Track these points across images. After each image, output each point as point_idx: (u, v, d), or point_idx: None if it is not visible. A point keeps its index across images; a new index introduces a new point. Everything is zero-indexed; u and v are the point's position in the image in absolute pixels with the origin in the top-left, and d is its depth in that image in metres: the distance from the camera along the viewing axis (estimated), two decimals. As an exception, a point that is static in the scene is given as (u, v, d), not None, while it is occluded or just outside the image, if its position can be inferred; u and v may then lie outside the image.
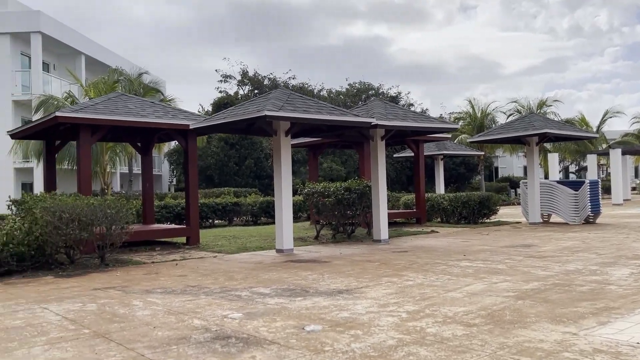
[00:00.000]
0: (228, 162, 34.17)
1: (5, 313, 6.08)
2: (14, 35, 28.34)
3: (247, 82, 43.74)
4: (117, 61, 33.53)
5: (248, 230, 18.02)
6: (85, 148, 11.74)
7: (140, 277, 8.58)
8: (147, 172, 15.26)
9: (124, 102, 12.83)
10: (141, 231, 12.41)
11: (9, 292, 7.46)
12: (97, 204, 9.92)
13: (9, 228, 9.33)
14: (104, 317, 5.77)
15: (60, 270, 9.45)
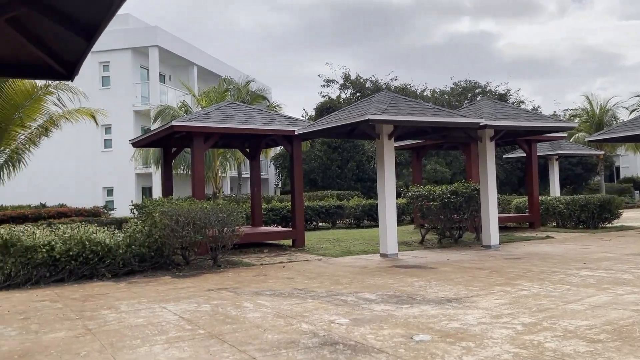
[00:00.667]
0: (331, 165, 34.57)
1: (129, 311, 6.53)
2: (134, 50, 30.64)
3: (349, 86, 44.03)
4: (226, 70, 35.18)
5: (351, 233, 18.06)
6: (198, 154, 12.37)
7: (250, 279, 8.86)
8: (255, 177, 15.79)
9: (233, 110, 13.39)
10: (250, 233, 12.85)
11: (132, 291, 8.00)
12: (210, 208, 10.39)
13: (131, 231, 10.04)
14: (218, 319, 6.00)
15: (176, 271, 10.02)
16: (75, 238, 9.24)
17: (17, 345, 5.14)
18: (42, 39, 4.78)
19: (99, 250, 9.34)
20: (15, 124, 15.81)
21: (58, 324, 5.94)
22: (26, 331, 5.68)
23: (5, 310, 6.82)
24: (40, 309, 6.83)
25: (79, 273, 9.22)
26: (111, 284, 8.73)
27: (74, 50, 4.76)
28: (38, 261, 8.84)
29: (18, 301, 7.47)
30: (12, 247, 8.77)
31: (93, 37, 4.09)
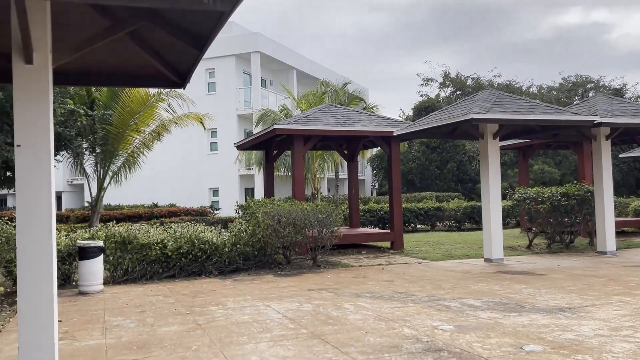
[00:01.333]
0: (429, 166, 33.89)
1: (236, 308, 6.78)
2: (237, 57, 31.88)
3: (448, 84, 42.93)
4: (323, 73, 35.63)
5: (452, 236, 17.57)
6: (298, 156, 12.62)
7: (349, 280, 8.88)
8: (352, 178, 15.84)
9: (332, 113, 13.53)
10: (349, 235, 12.90)
11: (238, 289, 8.31)
12: (310, 209, 10.56)
13: (236, 230, 10.45)
14: (319, 319, 6.07)
15: (278, 270, 10.28)
16: (185, 237, 9.77)
17: (135, 336, 5.51)
18: (158, 50, 5.10)
19: (206, 249, 9.80)
20: (131, 129, 16.98)
21: (171, 318, 6.30)
22: (143, 324, 6.07)
23: (125, 304, 7.34)
24: (154, 303, 7.28)
25: (189, 270, 9.73)
26: (218, 281, 9.12)
27: (186, 59, 5.03)
28: (152, 258, 9.45)
29: (135, 295, 8.01)
30: (130, 244, 9.44)
31: (204, 47, 4.30)
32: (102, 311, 6.86)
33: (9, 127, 11.99)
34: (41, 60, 3.88)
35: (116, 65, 5.58)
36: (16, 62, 3.85)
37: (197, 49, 4.44)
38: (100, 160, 16.43)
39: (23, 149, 3.86)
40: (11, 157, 11.93)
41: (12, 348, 5.18)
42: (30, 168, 3.88)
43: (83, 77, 5.64)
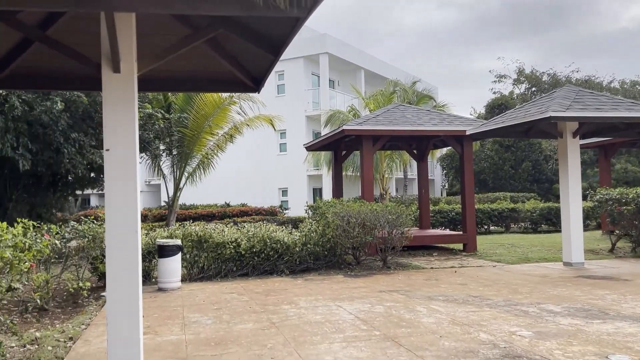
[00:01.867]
0: (503, 166, 32.86)
1: (308, 308, 6.87)
2: (306, 58, 32.24)
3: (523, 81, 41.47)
4: (391, 72, 35.36)
5: (527, 238, 16.94)
6: (367, 157, 12.60)
7: (420, 283, 8.77)
8: (422, 178, 15.63)
9: (401, 112, 13.41)
10: (419, 236, 12.73)
11: (309, 288, 8.41)
12: (379, 210, 10.52)
13: (307, 230, 10.57)
14: (392, 321, 6.04)
15: (348, 270, 10.31)
16: (257, 236, 9.99)
17: (212, 333, 5.71)
18: (234, 56, 5.26)
19: (278, 248, 9.99)
20: (205, 131, 17.56)
21: (246, 316, 6.47)
22: (219, 321, 6.27)
23: (201, 301, 7.61)
24: (229, 301, 7.50)
25: (261, 268, 9.95)
26: (289, 280, 9.27)
27: (261, 64, 5.15)
28: (226, 256, 9.74)
29: (211, 292, 8.28)
30: (205, 243, 9.77)
31: (279, 52, 4.38)
32: (180, 307, 7.14)
33: (93, 131, 12.72)
34: (127, 69, 4.09)
35: (194, 71, 5.79)
36: (105, 71, 4.08)
37: (273, 54, 4.54)
38: (177, 162, 17.10)
39: (112, 153, 4.08)
40: (95, 159, 12.66)
41: (100, 340, 5.49)
42: (118, 170, 4.10)
43: (163, 83, 5.89)
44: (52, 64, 5.37)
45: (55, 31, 4.76)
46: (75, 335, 5.78)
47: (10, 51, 5.08)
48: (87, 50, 4.74)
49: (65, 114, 11.87)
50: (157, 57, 4.49)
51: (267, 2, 3.12)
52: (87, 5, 2.97)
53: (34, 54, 5.15)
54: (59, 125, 11.67)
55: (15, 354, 5.19)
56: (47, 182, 14.14)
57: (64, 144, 11.92)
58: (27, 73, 5.53)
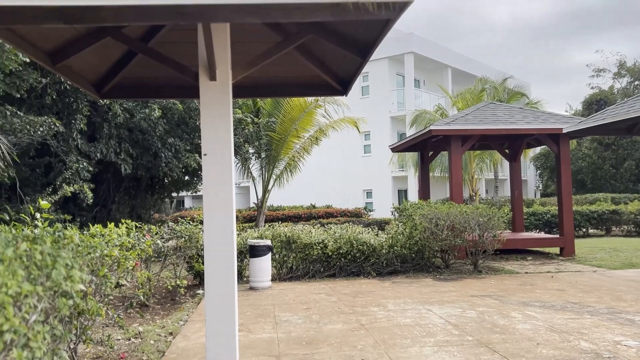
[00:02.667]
0: (602, 165, 30.90)
1: (396, 310, 6.81)
2: (390, 59, 32.03)
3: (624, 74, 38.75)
4: (480, 69, 34.31)
5: (631, 242, 15.82)
6: (456, 157, 12.30)
7: (514, 288, 8.43)
8: (515, 179, 15.02)
9: (492, 111, 12.97)
10: (512, 239, 12.25)
11: (397, 291, 8.34)
12: (469, 212, 10.23)
13: (393, 232, 10.49)
14: (485, 326, 5.85)
15: (436, 273, 10.11)
16: (344, 237, 10.05)
17: (303, 332, 5.81)
18: (322, 60, 5.33)
19: (364, 250, 9.99)
20: (292, 135, 17.93)
21: (335, 317, 6.52)
22: (309, 320, 6.37)
23: (291, 300, 7.77)
24: (318, 301, 7.59)
25: (348, 270, 9.99)
26: (376, 282, 9.24)
27: (349, 67, 5.18)
28: (314, 257, 9.87)
29: (299, 292, 8.43)
30: (294, 243, 9.96)
31: (367, 54, 4.39)
32: (271, 306, 7.33)
33: (188, 136, 13.37)
34: (223, 76, 4.26)
35: (283, 77, 5.94)
36: (202, 80, 4.28)
37: (361, 57, 4.55)
38: (265, 165, 17.59)
39: (209, 157, 4.27)
40: (190, 163, 13.29)
41: (197, 336, 5.76)
42: (215, 174, 4.28)
43: (254, 89, 6.08)
44: (152, 74, 5.71)
45: (156, 43, 5.07)
46: (174, 331, 6.10)
47: (116, 63, 5.46)
48: (185, 59, 5.00)
49: (162, 121, 12.57)
50: (249, 64, 4.64)
51: (358, 5, 3.14)
52: (188, 17, 3.14)
53: (136, 65, 5.51)
54: (156, 131, 12.38)
55: (121, 346, 5.56)
56: (145, 185, 15.04)
57: (161, 149, 12.63)
58: (130, 83, 5.91)
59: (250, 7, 3.17)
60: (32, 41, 4.19)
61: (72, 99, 11.09)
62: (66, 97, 11.11)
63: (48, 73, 10.45)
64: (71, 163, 11.08)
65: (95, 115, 11.99)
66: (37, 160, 11.51)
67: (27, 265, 2.63)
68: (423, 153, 15.34)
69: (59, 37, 4.34)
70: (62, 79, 10.49)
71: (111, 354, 5.27)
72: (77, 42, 4.47)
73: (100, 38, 4.44)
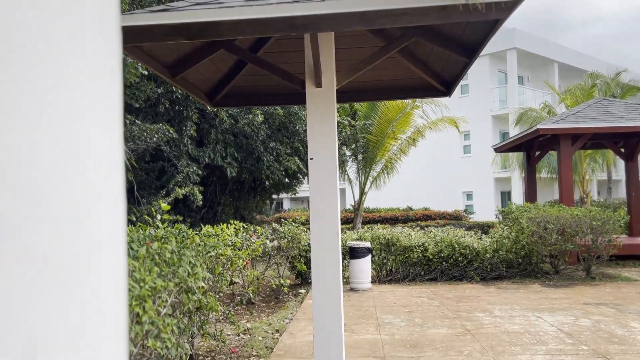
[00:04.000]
0: None
1: (503, 317, 6.60)
2: (491, 55, 30.94)
3: None
4: (590, 63, 32.24)
5: None
6: (566, 157, 11.67)
7: (633, 296, 7.86)
8: (632, 180, 13.95)
9: (605, 108, 12.16)
10: (629, 244, 11.39)
11: (503, 297, 8.07)
12: (581, 215, 9.67)
13: (498, 236, 10.15)
14: (601, 336, 5.52)
15: (545, 279, 9.65)
16: (445, 241, 9.88)
17: (407, 335, 5.80)
18: (425, 62, 5.31)
19: (467, 254, 9.75)
20: (389, 136, 17.88)
21: (438, 321, 6.45)
22: (412, 324, 6.35)
23: (392, 302, 7.77)
24: (420, 305, 7.53)
25: (449, 274, 9.80)
26: (480, 287, 8.99)
27: (453, 68, 5.12)
28: (414, 260, 9.79)
29: (400, 295, 8.41)
30: (393, 246, 9.94)
31: (474, 55, 4.32)
32: (373, 308, 7.38)
33: (288, 140, 13.77)
34: (328, 83, 4.39)
35: (385, 80, 5.97)
36: (308, 87, 4.43)
37: (467, 57, 4.48)
38: (362, 167, 17.69)
39: (315, 161, 4.40)
40: (290, 166, 13.68)
41: (303, 334, 5.94)
42: (321, 177, 4.40)
43: (357, 93, 6.16)
44: (259, 83, 5.98)
45: (264, 52, 5.31)
46: (280, 328, 6.33)
47: (227, 73, 5.78)
48: (291, 67, 5.20)
49: (264, 126, 13.05)
50: (353, 69, 4.73)
51: (468, 6, 3.12)
52: (298, 28, 3.28)
53: (245, 74, 5.79)
54: (259, 135, 12.88)
55: (232, 341, 5.86)
56: (248, 187, 15.69)
57: (263, 153, 13.11)
58: (239, 92, 6.22)
59: (357, 15, 3.25)
60: (155, 56, 4.55)
61: (183, 107, 11.83)
62: (177, 105, 11.88)
63: (162, 83, 11.23)
64: (182, 167, 11.82)
65: (203, 122, 12.70)
66: (151, 165, 12.40)
67: (158, 262, 2.88)
68: (529, 153, 14.67)
69: (178, 51, 4.68)
70: (174, 88, 11.23)
71: (223, 348, 5.58)
72: (193, 55, 4.79)
73: (214, 50, 4.73)
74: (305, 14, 3.26)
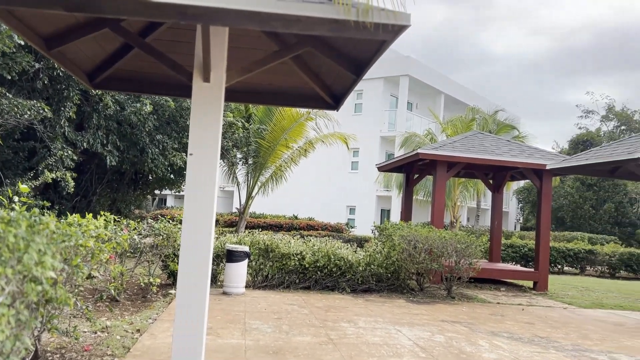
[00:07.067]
0: (583, 205, 31.33)
1: (367, 328, 6.83)
2: (386, 79, 32.29)
3: (612, 118, 39.49)
4: (473, 99, 34.70)
5: (603, 283, 16.03)
6: (440, 182, 12.41)
7: (485, 317, 8.50)
8: (496, 210, 15.17)
9: (480, 140, 13.13)
10: (487, 269, 12.35)
11: (369, 309, 8.36)
12: (448, 238, 10.31)
13: (372, 250, 10.53)
14: (452, 352, 5.89)
15: (410, 295, 10.15)
16: (322, 251, 10.06)
17: (271, 341, 5.80)
18: (317, 73, 5.39)
19: (341, 265, 10.00)
20: (281, 144, 17.97)
21: (305, 329, 6.52)
22: (279, 330, 6.36)
23: (263, 308, 7.75)
24: (290, 312, 7.58)
25: (323, 284, 10.00)
26: (350, 299, 9.25)
27: (343, 83, 5.24)
28: (290, 268, 9.86)
29: (273, 301, 8.41)
30: (272, 252, 9.94)
31: (361, 72, 4.45)
32: (243, 313, 7.30)
33: (177, 134, 13.34)
34: (217, 79, 4.29)
35: (277, 86, 5.98)
36: (196, 80, 4.30)
37: (355, 74, 4.61)
38: (251, 171, 17.58)
39: (195, 157, 4.28)
40: (176, 162, 13.25)
41: (165, 335, 5.72)
42: (199, 174, 4.28)
43: (247, 95, 6.11)
44: (147, 70, 5.72)
45: (154, 39, 5.09)
46: (142, 328, 6.05)
47: (112, 55, 5.46)
48: (181, 58, 5.03)
49: (153, 117, 12.53)
50: (245, 70, 4.68)
51: (358, 24, 3.20)
52: (188, 18, 3.17)
53: (132, 59, 5.51)
54: (145, 126, 12.34)
55: (87, 338, 5.50)
56: (129, 179, 14.95)
57: (148, 145, 12.58)
58: (124, 76, 5.91)
59: (251, 14, 3.22)
60: (30, 25, 4.19)
61: (64, 86, 11.04)
62: (58, 84, 11.06)
63: (42, 57, 10.40)
64: (56, 150, 10.99)
65: (85, 105, 11.93)
66: (21, 144, 11.40)
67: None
68: (409, 175, 15.44)
69: (58, 23, 4.35)
70: (56, 65, 10.45)
71: (75, 345, 5.21)
72: (75, 30, 4.47)
73: (98, 29, 4.45)
74: (197, 4, 3.17)
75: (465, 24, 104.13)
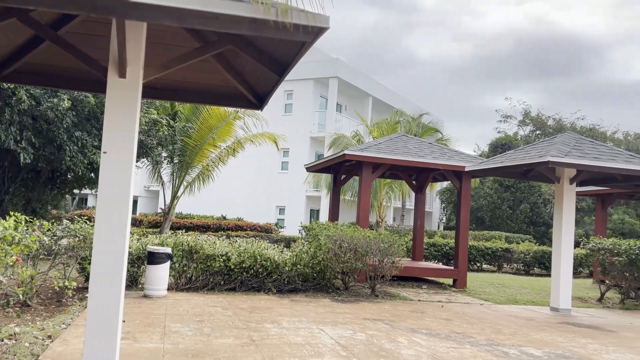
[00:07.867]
0: (501, 205, 32.90)
1: (290, 328, 6.84)
2: (316, 80, 32.50)
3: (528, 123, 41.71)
4: (399, 102, 35.59)
5: (518, 280, 16.91)
6: (366, 183, 12.65)
7: (406, 314, 8.74)
8: (419, 210, 15.65)
9: (404, 143, 13.50)
10: (410, 267, 12.71)
11: (294, 309, 8.38)
12: (372, 237, 10.52)
13: (298, 251, 10.56)
14: (372, 350, 6.01)
15: (335, 295, 10.27)
16: (248, 252, 9.98)
17: (192, 345, 5.68)
18: (240, 72, 5.34)
19: (268, 266, 9.97)
20: (208, 143, 17.66)
21: (227, 331, 6.44)
22: (200, 333, 6.25)
23: (185, 311, 7.59)
24: (213, 314, 7.47)
25: (249, 284, 9.92)
26: (275, 299, 9.24)
27: (266, 83, 5.23)
28: (215, 269, 9.71)
29: (195, 303, 8.26)
30: (196, 254, 9.75)
31: (284, 73, 4.46)
32: (163, 316, 7.12)
33: (97, 132, 12.80)
34: (133, 75, 4.16)
35: (200, 83, 5.88)
36: (111, 75, 4.16)
37: (278, 74, 4.62)
38: (177, 170, 17.15)
39: (108, 155, 4.13)
40: (96, 160, 12.72)
41: (78, 341, 5.48)
42: (113, 173, 4.14)
43: (169, 92, 5.97)
44: (60, 63, 5.46)
45: (67, 32, 4.86)
46: (54, 334, 5.76)
47: (21, 47, 5.17)
48: (96, 53, 4.84)
49: (71, 112, 11.97)
50: (164, 66, 4.57)
51: (278, 24, 3.20)
52: (100, 11, 3.06)
53: (44, 52, 5.25)
54: (63, 122, 11.77)
55: (-9, 346, 5.17)
56: (45, 178, 14.19)
57: (66, 142, 12.00)
58: (35, 70, 5.61)
59: (167, 9, 3.14)
60: None
61: (-28, 78, 10.31)
62: (-35, 75, 10.32)
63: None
64: (-38, 146, 10.27)
65: (-4, 98, 11.21)
66: None
67: None
68: (336, 176, 15.63)
69: (-42, 10, 4.07)
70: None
71: (-22, 354, 4.89)
72: (-22, 19, 4.20)
73: (4, 19, 4.20)
74: (109, -3, 3.06)
75: (393, 28, 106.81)
